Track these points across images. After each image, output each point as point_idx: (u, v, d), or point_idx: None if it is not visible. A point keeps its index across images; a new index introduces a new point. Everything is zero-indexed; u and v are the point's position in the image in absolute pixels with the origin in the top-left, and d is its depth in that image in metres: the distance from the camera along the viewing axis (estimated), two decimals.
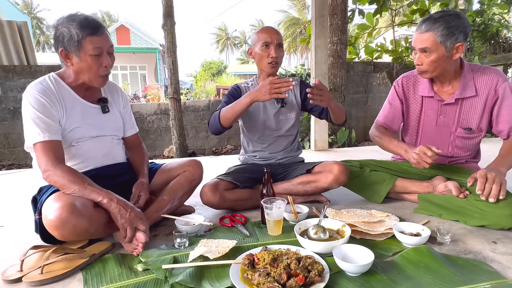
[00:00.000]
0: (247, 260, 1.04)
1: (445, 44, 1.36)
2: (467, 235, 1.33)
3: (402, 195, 1.78)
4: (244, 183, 1.68)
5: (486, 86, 1.47)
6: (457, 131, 1.57)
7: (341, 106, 1.65)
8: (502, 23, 7.04)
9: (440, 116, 1.58)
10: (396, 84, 1.71)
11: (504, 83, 1.45)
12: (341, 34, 5.07)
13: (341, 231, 1.28)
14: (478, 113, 1.52)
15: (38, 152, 1.23)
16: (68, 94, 1.34)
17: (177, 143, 5.04)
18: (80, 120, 1.36)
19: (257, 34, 1.71)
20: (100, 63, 1.30)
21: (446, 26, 1.34)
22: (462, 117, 1.54)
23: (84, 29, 1.25)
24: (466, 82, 1.49)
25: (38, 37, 27.35)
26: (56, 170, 1.20)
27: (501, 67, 6.29)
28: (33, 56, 5.66)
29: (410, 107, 1.68)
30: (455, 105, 1.54)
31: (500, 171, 1.36)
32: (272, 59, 1.66)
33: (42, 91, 1.26)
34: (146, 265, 1.11)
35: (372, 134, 1.75)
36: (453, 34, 1.35)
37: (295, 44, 24.87)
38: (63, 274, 1.09)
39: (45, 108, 1.25)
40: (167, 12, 4.72)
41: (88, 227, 1.17)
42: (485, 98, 1.49)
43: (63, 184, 1.20)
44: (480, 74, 1.48)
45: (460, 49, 1.39)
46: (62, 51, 1.28)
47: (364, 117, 6.41)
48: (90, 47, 1.26)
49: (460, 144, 1.61)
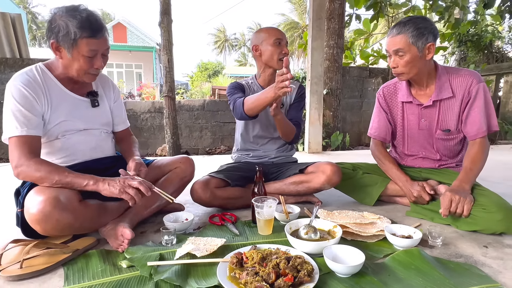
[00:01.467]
0: (236, 259, 1.02)
1: (416, 45, 1.40)
2: (458, 239, 1.32)
3: (394, 198, 1.77)
4: (235, 181, 1.66)
5: (461, 87, 1.48)
6: (437, 133, 1.58)
7: (290, 125, 1.68)
8: (495, 34, 7.16)
9: (422, 119, 1.60)
10: (378, 96, 1.73)
11: (478, 85, 1.45)
12: (338, 38, 5.09)
13: (332, 231, 1.26)
14: (455, 114, 1.52)
15: (11, 146, 1.16)
16: (55, 86, 1.29)
17: (170, 142, 4.99)
18: (67, 113, 1.31)
19: (266, 31, 1.70)
20: (91, 64, 1.24)
21: (415, 28, 1.39)
22: (441, 118, 1.56)
23: (84, 30, 1.17)
24: (441, 84, 1.51)
25: (34, 32, 27.02)
26: (30, 163, 1.14)
27: (494, 76, 6.38)
28: (26, 49, 5.57)
29: (393, 114, 1.70)
30: (433, 107, 1.55)
31: (464, 189, 1.38)
32: (284, 55, 1.66)
33: (26, 82, 1.20)
34: (131, 262, 1.08)
35: (372, 153, 1.79)
36: (423, 34, 1.39)
37: (292, 48, 24.98)
38: (43, 269, 1.05)
39: (27, 101, 1.19)
40: (164, 10, 4.69)
41: (72, 222, 1.13)
42: (461, 99, 1.50)
43: (41, 176, 1.13)
44: (456, 76, 1.50)
45: (431, 49, 1.43)
46: (53, 43, 1.21)
47: (358, 121, 6.44)
48: (85, 48, 1.20)
49: (441, 146, 1.62)
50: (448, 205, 1.33)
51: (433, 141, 1.62)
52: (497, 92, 6.56)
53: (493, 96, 6.47)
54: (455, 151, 1.63)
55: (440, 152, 1.64)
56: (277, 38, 1.66)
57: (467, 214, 1.33)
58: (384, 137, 1.74)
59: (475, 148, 1.49)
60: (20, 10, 16.51)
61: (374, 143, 1.78)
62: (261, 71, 1.77)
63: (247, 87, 1.80)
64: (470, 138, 1.52)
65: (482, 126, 1.47)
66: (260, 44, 1.70)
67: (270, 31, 1.69)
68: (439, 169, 1.67)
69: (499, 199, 1.36)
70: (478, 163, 1.46)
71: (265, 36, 1.69)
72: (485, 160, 1.49)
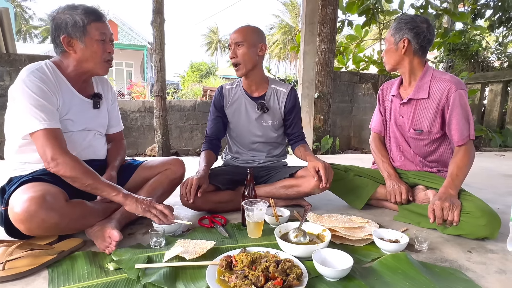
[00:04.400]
0: (225, 262, 1.01)
1: (394, 37, 1.56)
2: (443, 243, 1.35)
3: (382, 203, 1.80)
4: (226, 185, 1.65)
5: (439, 91, 1.53)
6: (410, 132, 1.64)
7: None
8: (481, 44, 7.37)
9: (400, 116, 1.67)
10: (379, 90, 1.81)
11: (456, 92, 1.49)
12: (330, 43, 5.15)
13: (322, 235, 1.27)
14: (430, 116, 1.57)
15: (40, 140, 1.14)
16: (64, 85, 1.29)
17: (160, 142, 4.94)
18: (71, 112, 1.31)
19: None
20: (104, 49, 1.29)
21: (398, 23, 1.56)
22: (416, 118, 1.61)
23: (89, 15, 1.25)
24: (421, 84, 1.57)
25: (20, 26, 26.39)
26: (66, 159, 1.14)
27: (479, 85, 6.55)
28: (13, 44, 5.43)
29: (385, 107, 1.79)
30: (410, 105, 1.61)
31: (451, 195, 1.41)
32: (230, 58, 1.65)
33: (40, 79, 1.20)
34: (118, 264, 1.06)
35: (370, 144, 1.88)
36: (401, 29, 1.53)
37: (285, 51, 25.13)
38: (27, 271, 1.02)
39: (47, 95, 1.19)
40: (157, 9, 4.66)
41: (58, 222, 1.11)
42: (437, 102, 1.54)
43: (76, 176, 1.14)
44: (438, 80, 1.55)
45: (404, 44, 1.53)
46: (64, 38, 1.23)
47: (348, 126, 6.51)
48: (96, 32, 1.25)
49: (412, 145, 1.68)
50: (440, 214, 1.36)
51: (407, 139, 1.69)
52: (482, 100, 6.75)
53: (479, 104, 6.65)
54: (426, 151, 1.67)
55: (413, 151, 1.69)
56: (228, 44, 1.67)
57: (458, 220, 1.35)
58: (380, 129, 1.83)
59: (460, 154, 1.53)
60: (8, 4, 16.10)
61: (372, 136, 1.87)
62: None
63: (227, 95, 1.77)
64: (455, 143, 1.56)
65: (464, 132, 1.52)
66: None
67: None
68: (423, 171, 1.70)
69: (483, 204, 1.40)
70: (463, 168, 1.49)
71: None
72: (471, 165, 1.52)
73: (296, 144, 1.80)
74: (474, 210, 1.36)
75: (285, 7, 26.90)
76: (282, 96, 1.76)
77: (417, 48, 1.53)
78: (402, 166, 1.75)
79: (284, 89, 1.77)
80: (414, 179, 1.71)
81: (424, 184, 1.66)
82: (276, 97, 1.76)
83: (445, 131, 1.59)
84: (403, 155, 1.74)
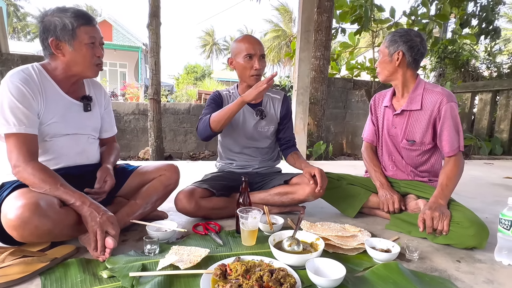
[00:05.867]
0: (219, 271, 1.02)
1: (388, 49, 1.60)
2: (433, 253, 1.37)
3: (374, 211, 1.83)
4: (220, 191, 1.66)
5: (431, 103, 1.58)
6: (402, 142, 1.68)
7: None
8: (472, 53, 7.55)
9: (392, 126, 1.70)
10: (371, 101, 1.85)
11: (447, 104, 1.54)
12: (325, 50, 5.22)
13: (315, 244, 1.29)
14: (422, 127, 1.61)
15: (10, 144, 1.15)
16: (50, 87, 1.28)
17: (154, 145, 4.92)
18: (59, 115, 1.29)
19: (239, 43, 1.64)
20: (93, 52, 1.28)
21: (392, 35, 1.60)
22: (408, 129, 1.65)
23: (78, 18, 1.24)
24: (414, 96, 1.61)
25: (14, 25, 26.02)
26: (27, 167, 1.14)
27: (469, 94, 6.70)
28: (6, 43, 5.36)
29: (378, 118, 1.82)
30: (403, 116, 1.65)
31: (441, 205, 1.44)
32: (256, 71, 1.62)
33: (24, 80, 1.19)
34: (112, 272, 1.06)
35: (362, 153, 1.91)
36: (396, 41, 1.58)
37: (279, 55, 25.27)
38: (19, 279, 1.01)
39: (26, 98, 1.18)
40: (153, 12, 4.66)
41: (51, 229, 1.10)
42: (429, 114, 1.58)
43: (34, 182, 1.13)
44: (430, 92, 1.59)
45: (399, 57, 1.57)
46: (53, 41, 1.22)
47: (341, 132, 6.58)
48: (85, 36, 1.25)
49: (405, 155, 1.71)
50: (430, 223, 1.39)
51: (399, 149, 1.72)
52: (472, 109, 6.90)
53: (468, 113, 6.79)
54: (418, 161, 1.71)
55: (405, 161, 1.73)
56: (247, 53, 1.60)
57: (447, 230, 1.38)
58: (372, 139, 1.85)
59: (450, 164, 1.57)
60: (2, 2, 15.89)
61: (364, 145, 1.89)
62: (240, 82, 1.78)
63: (226, 99, 1.78)
64: (445, 154, 1.60)
65: (454, 144, 1.56)
66: (234, 58, 1.66)
67: (242, 44, 1.62)
68: (414, 181, 1.74)
69: (472, 214, 1.43)
70: (453, 179, 1.53)
71: (237, 50, 1.64)
72: (460, 176, 1.56)
73: (288, 151, 1.83)
74: (463, 220, 1.39)
75: (278, 12, 27.10)
76: (277, 103, 1.82)
77: (410, 61, 1.57)
78: (394, 175, 1.78)
79: (278, 96, 1.84)
80: (406, 188, 1.74)
81: (415, 193, 1.69)
82: (272, 104, 1.82)
83: (436, 142, 1.63)
84: (395, 165, 1.77)
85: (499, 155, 5.83)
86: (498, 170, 3.93)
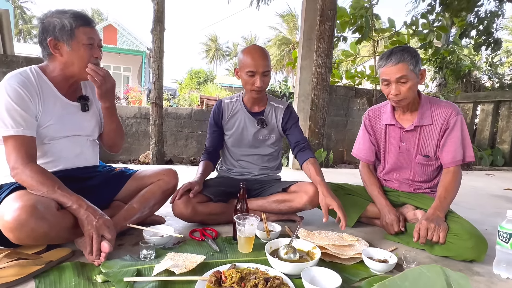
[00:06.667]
0: (214, 278, 1.01)
1: (415, 71, 1.49)
2: (431, 264, 1.36)
3: (373, 220, 1.82)
4: (218, 196, 1.66)
5: (441, 117, 1.57)
6: (417, 157, 1.66)
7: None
8: (474, 64, 7.58)
9: (402, 143, 1.67)
10: (364, 118, 1.80)
11: (457, 116, 1.55)
12: (327, 58, 5.22)
13: (311, 253, 1.28)
14: (434, 141, 1.61)
15: (8, 147, 1.16)
16: (48, 89, 1.29)
17: (155, 149, 4.93)
18: (57, 117, 1.30)
19: (244, 57, 1.62)
20: (91, 53, 1.29)
21: (412, 56, 1.48)
22: (421, 144, 1.63)
23: (77, 19, 1.26)
24: (423, 111, 1.60)
25: (20, 27, 26.37)
26: (25, 169, 1.14)
27: (471, 104, 6.70)
28: (11, 46, 5.43)
29: (376, 136, 1.77)
30: (414, 132, 1.63)
31: (438, 217, 1.43)
32: (257, 88, 1.62)
33: (22, 83, 1.20)
34: (106, 277, 1.05)
35: (360, 172, 1.85)
36: (418, 62, 1.50)
37: (282, 63, 25.41)
38: (14, 282, 1.01)
39: (23, 101, 1.19)
40: (157, 18, 4.72)
41: (48, 231, 1.10)
42: (440, 128, 1.58)
43: (31, 184, 1.14)
44: (437, 106, 1.59)
45: (424, 75, 1.55)
46: (51, 41, 1.24)
47: (342, 139, 6.58)
48: (83, 36, 1.26)
49: (419, 170, 1.69)
50: (425, 233, 1.38)
51: (411, 165, 1.69)
52: (473, 119, 6.89)
53: (470, 123, 6.78)
54: (432, 176, 1.70)
55: (417, 176, 1.70)
56: (249, 70, 1.58)
57: (444, 241, 1.37)
58: (369, 158, 1.81)
59: (448, 176, 1.57)
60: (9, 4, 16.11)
61: (361, 164, 1.85)
62: (244, 91, 1.78)
63: (226, 109, 1.78)
64: (445, 165, 1.60)
65: (457, 156, 1.55)
66: (239, 69, 1.66)
67: (246, 58, 1.60)
68: (415, 193, 1.73)
69: (471, 227, 1.42)
70: (451, 191, 1.53)
71: (241, 63, 1.63)
72: (458, 188, 1.56)
73: (302, 156, 1.74)
74: (461, 232, 1.38)
75: (282, 19, 27.33)
76: (280, 112, 1.81)
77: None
78: (396, 187, 1.77)
79: (281, 106, 1.83)
80: (405, 199, 1.73)
81: (414, 204, 1.69)
82: (274, 113, 1.81)
83: None
84: (398, 180, 1.75)
85: (501, 166, 5.81)
86: (499, 182, 3.91)
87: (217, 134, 1.81)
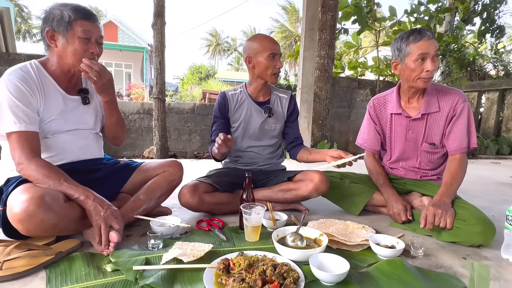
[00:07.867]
0: (222, 265, 1.02)
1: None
2: (439, 250, 1.36)
3: (379, 208, 1.81)
4: (224, 186, 1.66)
5: (447, 104, 1.56)
6: (423, 145, 1.64)
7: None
8: (478, 52, 7.47)
9: (409, 131, 1.66)
10: (369, 107, 1.79)
11: (463, 103, 1.54)
12: (329, 49, 5.18)
13: (318, 240, 1.28)
14: (440, 129, 1.59)
15: (12, 143, 1.17)
16: (48, 84, 1.29)
17: (158, 144, 4.94)
18: (58, 112, 1.30)
19: (260, 42, 1.65)
20: (86, 48, 1.27)
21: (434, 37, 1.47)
22: (428, 132, 1.62)
23: (78, 12, 1.25)
24: (430, 98, 1.58)
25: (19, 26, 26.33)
26: (30, 164, 1.15)
27: (476, 93, 6.62)
28: (13, 43, 5.44)
29: (382, 125, 1.76)
30: (421, 120, 1.61)
31: (445, 203, 1.42)
32: (278, 69, 1.67)
33: (22, 78, 1.20)
34: (116, 266, 1.06)
35: (365, 162, 1.85)
36: None
37: (284, 55, 25.27)
38: (25, 272, 1.02)
39: (24, 96, 1.19)
40: (158, 12, 4.68)
41: (56, 223, 1.11)
42: (446, 115, 1.57)
43: (38, 178, 1.15)
44: (444, 94, 1.57)
45: None
46: (48, 31, 1.24)
47: (346, 131, 6.54)
48: (79, 29, 1.25)
49: (425, 158, 1.68)
50: (432, 219, 1.37)
51: (418, 153, 1.68)
52: (478, 108, 6.81)
53: (475, 112, 6.71)
54: (438, 164, 1.69)
55: (423, 164, 1.69)
56: (271, 53, 1.63)
57: (451, 227, 1.37)
58: (374, 148, 1.80)
59: (454, 163, 1.55)
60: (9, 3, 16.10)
61: (367, 154, 1.83)
62: (253, 80, 1.77)
63: (231, 100, 1.78)
64: (451, 153, 1.58)
65: (463, 143, 1.54)
66: (253, 56, 1.66)
67: (264, 43, 1.64)
68: (422, 180, 1.72)
69: (478, 212, 1.42)
70: (457, 178, 1.52)
71: (258, 48, 1.64)
72: (464, 175, 1.55)
73: (297, 149, 1.83)
74: (469, 217, 1.37)
75: (285, 11, 27.08)
76: (285, 101, 1.83)
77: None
78: (402, 175, 1.76)
79: (285, 95, 1.86)
80: (412, 186, 1.72)
81: (420, 191, 1.68)
82: (279, 102, 1.83)
83: None
84: (404, 168, 1.74)
85: (506, 155, 5.75)
86: (505, 170, 3.89)
87: (224, 125, 1.78)
